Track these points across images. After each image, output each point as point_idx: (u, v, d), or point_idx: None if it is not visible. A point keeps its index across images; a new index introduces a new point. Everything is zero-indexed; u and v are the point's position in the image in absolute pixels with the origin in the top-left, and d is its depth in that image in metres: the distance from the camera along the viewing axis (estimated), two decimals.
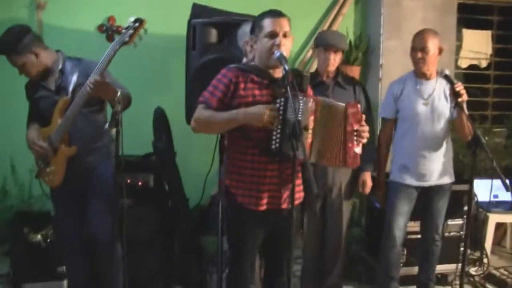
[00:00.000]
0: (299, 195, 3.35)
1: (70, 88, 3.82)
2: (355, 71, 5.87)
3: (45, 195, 4.42)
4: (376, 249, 4.69)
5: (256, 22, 3.27)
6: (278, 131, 3.08)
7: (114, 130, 3.32)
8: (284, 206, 3.27)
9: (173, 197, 4.81)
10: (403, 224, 4.48)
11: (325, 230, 4.58)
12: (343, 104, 3.29)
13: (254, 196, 3.23)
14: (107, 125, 3.38)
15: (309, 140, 3.16)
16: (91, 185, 3.92)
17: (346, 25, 6.12)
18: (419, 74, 4.39)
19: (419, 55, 4.29)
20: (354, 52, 5.94)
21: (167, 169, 4.72)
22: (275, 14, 3.21)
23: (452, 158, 4.54)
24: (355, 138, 3.26)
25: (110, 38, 5.53)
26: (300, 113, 3.06)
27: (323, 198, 4.49)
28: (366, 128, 3.30)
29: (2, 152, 5.28)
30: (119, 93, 3.40)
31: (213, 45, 4.36)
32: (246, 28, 3.74)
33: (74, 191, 3.93)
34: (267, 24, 3.18)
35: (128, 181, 4.33)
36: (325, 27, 5.93)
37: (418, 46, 4.30)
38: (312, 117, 3.15)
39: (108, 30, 5.53)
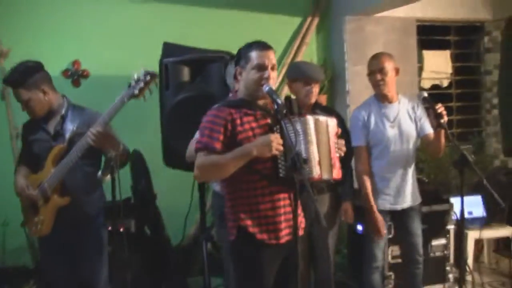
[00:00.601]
0: (301, 220, 3.31)
1: (67, 136, 3.72)
2: (322, 100, 5.89)
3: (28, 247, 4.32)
4: (361, 275, 4.67)
5: (242, 53, 3.22)
6: (283, 158, 3.05)
7: (107, 178, 3.25)
8: (300, 233, 3.22)
9: (155, 240, 4.72)
10: (383, 245, 4.49)
11: (312, 261, 4.53)
12: (326, 118, 3.31)
13: (273, 230, 3.16)
14: (100, 172, 3.30)
15: (318, 159, 3.14)
16: (82, 237, 3.80)
17: (309, 53, 6.16)
18: (382, 97, 4.42)
19: (378, 77, 4.33)
20: (320, 81, 5.95)
21: (149, 213, 4.63)
22: (263, 46, 3.17)
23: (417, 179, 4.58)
24: (337, 150, 3.28)
25: (76, 83, 5.45)
26: (302, 135, 3.07)
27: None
28: (342, 141, 3.32)
29: None
30: (121, 147, 3.33)
31: (186, 83, 4.34)
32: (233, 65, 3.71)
33: (63, 241, 3.78)
34: (255, 56, 3.15)
35: (109, 228, 4.22)
36: (290, 57, 5.96)
37: (376, 68, 4.34)
38: (313, 135, 3.15)
39: (74, 74, 5.45)
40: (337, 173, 3.26)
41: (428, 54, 6.72)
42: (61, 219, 3.72)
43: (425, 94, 4.07)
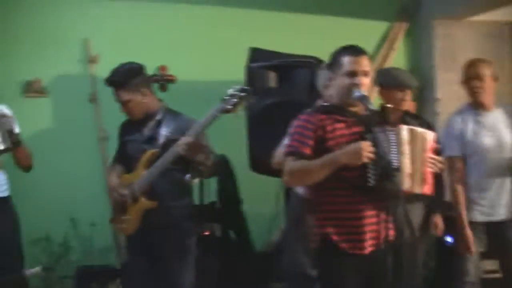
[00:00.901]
0: (391, 233, 3.22)
1: (161, 141, 3.75)
2: (410, 107, 5.74)
3: (113, 247, 4.40)
4: None
5: (334, 58, 3.17)
6: (372, 166, 2.98)
7: (195, 181, 3.26)
8: (384, 246, 3.13)
9: (239, 246, 4.72)
10: (476, 259, 4.31)
11: (399, 275, 4.40)
12: (422, 129, 3.20)
13: (357, 240, 3.07)
14: (188, 175, 3.32)
15: (409, 171, 3.05)
16: (167, 242, 3.79)
17: (397, 60, 6.04)
18: (478, 105, 4.25)
19: (476, 84, 4.17)
20: (414, 88, 5.83)
21: (234, 218, 4.64)
22: (355, 51, 3.09)
23: None
24: (430, 165, 3.15)
25: (162, 88, 5.53)
26: (394, 144, 3.00)
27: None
28: (439, 158, 3.19)
29: (62, 207, 5.23)
30: (211, 158, 3.37)
31: (272, 88, 4.32)
32: (325, 70, 3.67)
33: (148, 244, 3.81)
34: (347, 62, 3.08)
35: (205, 233, 4.27)
36: (377, 63, 5.86)
37: (473, 75, 4.18)
38: (407, 146, 3.06)
39: (160, 79, 5.53)
40: (428, 188, 3.14)
41: None
42: (147, 222, 3.75)
43: None
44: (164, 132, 3.77)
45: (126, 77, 3.74)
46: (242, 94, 3.51)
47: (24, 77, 5.33)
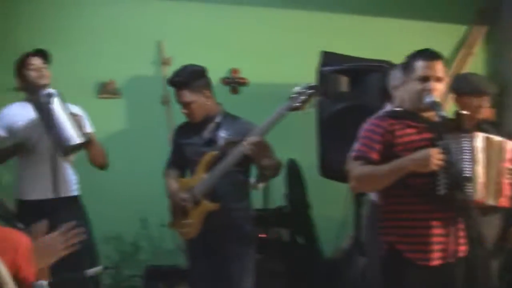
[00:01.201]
0: (462, 248, 3.09)
1: (220, 143, 3.77)
2: (488, 114, 5.56)
3: (179, 249, 4.41)
4: None
5: (408, 61, 3.10)
6: (443, 174, 2.88)
7: (260, 185, 3.25)
8: (454, 259, 3.02)
9: (307, 251, 4.67)
10: None
11: None
12: (500, 138, 3.08)
13: (424, 250, 2.99)
14: (253, 179, 3.31)
15: (483, 181, 2.94)
16: (228, 243, 3.81)
17: (476, 65, 5.86)
18: None
19: None
20: (491, 95, 5.65)
21: (301, 223, 4.60)
22: (429, 56, 3.03)
23: None
24: (508, 176, 3.03)
25: (234, 90, 5.55)
26: (468, 152, 2.91)
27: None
28: None
29: (133, 207, 5.30)
30: (275, 159, 3.37)
31: (344, 93, 4.26)
32: (395, 72, 3.58)
33: (209, 246, 3.83)
34: (419, 66, 3.01)
35: (262, 235, 4.24)
36: (454, 69, 5.69)
37: None
38: (481, 155, 2.94)
39: (232, 82, 5.55)
40: (505, 201, 3.02)
41: None
42: (208, 224, 3.76)
43: None
44: (223, 134, 3.79)
45: (190, 78, 3.77)
46: (310, 91, 3.50)
47: (98, 78, 5.44)
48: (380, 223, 3.13)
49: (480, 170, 2.93)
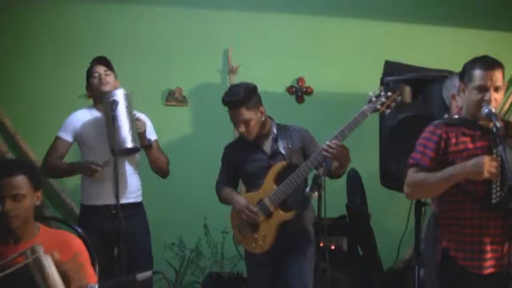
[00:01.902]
0: None
1: (285, 153, 3.82)
2: None
3: (240, 257, 4.46)
4: None
5: (466, 69, 3.07)
6: (498, 183, 2.84)
7: (315, 194, 3.27)
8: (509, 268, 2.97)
9: (367, 261, 4.65)
10: None
11: None
12: None
13: (477, 258, 2.97)
14: (308, 189, 3.35)
15: None
16: (297, 251, 3.85)
17: None
18: None
19: None
20: None
21: (362, 232, 4.58)
22: (487, 64, 2.99)
23: None
24: None
25: (299, 99, 5.58)
26: None
27: None
28: None
29: (196, 213, 5.40)
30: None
31: (407, 103, 4.23)
32: (455, 80, 3.55)
33: (276, 255, 3.86)
34: (477, 75, 2.98)
35: (321, 244, 4.25)
36: None
37: None
38: None
39: (298, 91, 5.59)
40: None
41: None
42: (279, 234, 3.79)
43: None
44: (284, 144, 3.84)
45: (247, 96, 3.79)
46: (389, 93, 3.51)
47: (166, 86, 5.57)
48: (435, 230, 3.11)
49: None
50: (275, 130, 3.91)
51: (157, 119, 4.40)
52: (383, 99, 3.52)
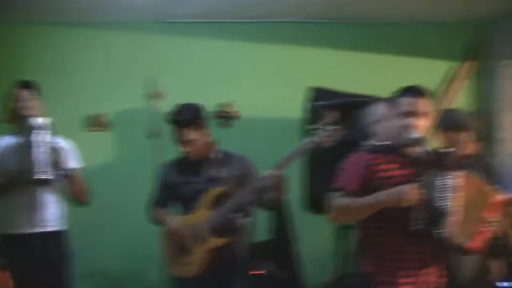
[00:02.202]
0: (441, 281, 3.11)
1: (224, 179, 3.78)
2: (473, 147, 5.60)
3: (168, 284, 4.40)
4: None
5: (393, 97, 3.14)
6: (420, 211, 2.90)
7: (248, 220, 3.28)
8: None
9: (292, 285, 4.67)
10: None
11: None
12: (491, 189, 3.09)
13: (395, 282, 3.01)
14: (240, 216, 3.34)
15: (457, 220, 2.95)
16: (230, 278, 3.82)
17: (462, 100, 5.94)
18: None
19: None
20: (472, 129, 5.69)
21: (288, 257, 4.60)
22: (414, 93, 3.06)
23: None
24: (487, 225, 3.03)
25: (226, 124, 5.57)
26: (446, 191, 2.91)
27: None
28: (496, 218, 3.05)
29: (118, 241, 5.34)
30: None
31: None
32: (377, 107, 3.63)
33: (205, 282, 3.78)
34: (404, 102, 3.05)
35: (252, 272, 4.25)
36: (439, 103, 5.74)
37: None
38: (461, 194, 2.96)
39: (225, 116, 5.58)
40: (476, 245, 3.01)
41: None
42: (214, 260, 3.73)
43: None
44: (224, 170, 3.80)
45: (195, 116, 3.78)
46: (331, 128, 3.54)
47: (90, 111, 5.46)
48: (358, 254, 3.16)
49: (456, 209, 2.94)
50: (217, 155, 3.87)
51: (81, 145, 4.27)
52: (325, 133, 3.57)
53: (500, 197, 3.07)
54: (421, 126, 3.03)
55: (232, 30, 5.64)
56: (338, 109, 4.26)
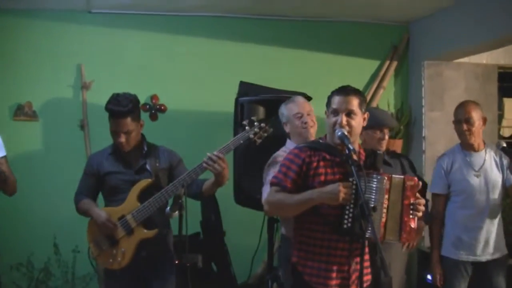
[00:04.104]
0: (367, 278, 3.23)
1: (152, 171, 3.80)
2: (397, 145, 5.81)
3: (96, 275, 4.38)
4: None
5: (328, 97, 3.24)
6: (351, 210, 3.01)
7: (175, 214, 3.30)
8: None
9: (221, 277, 4.72)
10: None
11: None
12: (402, 176, 3.19)
13: (323, 276, 3.11)
14: (168, 208, 3.36)
15: (384, 220, 3.08)
16: (157, 270, 3.84)
17: (387, 98, 6.10)
18: (467, 146, 4.33)
19: (465, 127, 4.24)
20: (393, 128, 5.87)
21: (216, 249, 4.65)
22: (342, 91, 3.16)
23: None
24: (411, 212, 3.15)
25: (153, 117, 5.57)
26: (374, 192, 3.02)
27: None
28: (422, 201, 3.19)
29: (45, 232, 5.23)
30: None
31: None
32: (282, 108, 3.78)
33: (136, 273, 3.82)
34: (334, 101, 3.15)
35: (177, 262, 4.26)
36: (369, 103, 5.90)
37: (462, 118, 4.25)
38: (386, 196, 3.08)
39: (152, 109, 5.57)
40: (406, 238, 3.14)
41: (509, 102, 6.51)
42: (142, 252, 3.76)
43: (503, 143, 3.97)
44: (152, 162, 3.83)
45: (135, 107, 3.78)
46: (262, 125, 3.62)
47: (16, 101, 5.35)
48: (288, 248, 3.25)
49: (383, 208, 3.05)
50: (145, 147, 3.88)
51: (5, 135, 4.19)
52: (256, 129, 3.63)
53: (413, 180, 3.17)
54: (349, 123, 3.11)
55: (161, 22, 5.62)
56: (264, 104, 4.37)
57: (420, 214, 3.17)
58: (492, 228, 4.28)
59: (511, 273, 4.52)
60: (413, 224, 3.15)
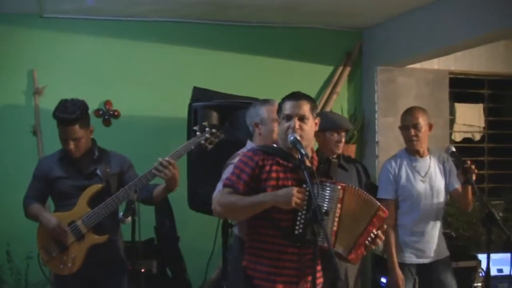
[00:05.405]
0: (319, 281, 3.26)
1: (103, 176, 3.78)
2: (351, 150, 5.88)
3: (48, 282, 4.31)
4: None
5: (280, 103, 3.26)
6: (303, 216, 3.03)
7: (128, 219, 3.28)
8: None
9: (176, 283, 4.71)
10: None
11: None
12: (378, 204, 3.26)
13: (272, 280, 3.13)
14: (121, 214, 3.34)
15: (335, 229, 3.11)
16: (107, 276, 3.82)
17: (340, 103, 6.17)
18: (413, 152, 4.39)
19: (413, 132, 4.30)
20: (349, 130, 5.94)
21: (171, 255, 4.63)
22: (294, 96, 3.19)
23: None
24: (369, 239, 3.21)
25: (106, 122, 5.53)
26: (327, 200, 3.06)
27: None
28: (382, 237, 3.26)
29: None
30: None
31: None
32: (258, 108, 3.74)
33: (87, 279, 3.79)
34: (286, 106, 3.17)
35: (130, 267, 4.24)
36: (320, 106, 5.96)
37: (409, 124, 4.31)
38: (339, 205, 3.11)
39: (105, 114, 5.54)
40: (354, 257, 3.20)
41: (460, 107, 6.64)
42: (92, 257, 3.72)
43: (453, 148, 4.04)
44: (103, 167, 3.81)
45: (83, 114, 3.75)
46: (213, 130, 3.65)
47: None
48: (239, 253, 3.26)
49: (335, 218, 3.10)
50: (96, 152, 3.86)
51: None
52: (207, 135, 3.66)
53: (385, 212, 3.23)
54: (301, 128, 3.13)
55: (115, 28, 5.60)
56: (218, 109, 4.38)
57: (374, 247, 3.25)
58: (435, 231, 4.37)
59: (463, 277, 4.63)
60: (364, 250, 3.21)
